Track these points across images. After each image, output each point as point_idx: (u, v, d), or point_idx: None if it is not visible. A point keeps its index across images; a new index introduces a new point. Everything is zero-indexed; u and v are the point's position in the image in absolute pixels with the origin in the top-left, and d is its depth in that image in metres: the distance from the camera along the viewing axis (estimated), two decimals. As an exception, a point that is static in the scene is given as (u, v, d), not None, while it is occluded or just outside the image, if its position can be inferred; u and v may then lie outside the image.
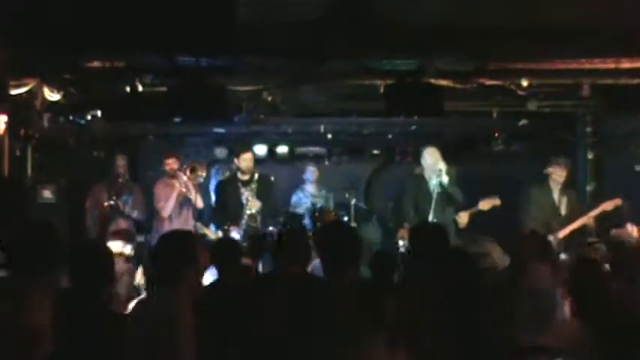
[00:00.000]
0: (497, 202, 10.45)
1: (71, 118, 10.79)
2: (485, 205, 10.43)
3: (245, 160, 11.03)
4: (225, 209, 10.98)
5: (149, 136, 13.32)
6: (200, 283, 4.86)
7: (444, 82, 9.08)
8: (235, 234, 10.42)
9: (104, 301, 4.71)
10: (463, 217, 10.42)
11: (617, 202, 10.19)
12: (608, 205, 10.17)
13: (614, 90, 9.10)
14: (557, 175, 10.50)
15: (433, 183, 10.44)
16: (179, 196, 10.88)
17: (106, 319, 4.48)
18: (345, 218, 12.16)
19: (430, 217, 10.11)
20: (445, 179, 10.39)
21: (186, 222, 10.78)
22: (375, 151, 13.91)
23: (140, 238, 10.39)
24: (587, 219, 10.11)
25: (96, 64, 8.56)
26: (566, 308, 5.90)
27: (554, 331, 5.60)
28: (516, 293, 5.74)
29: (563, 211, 10.38)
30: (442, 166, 10.43)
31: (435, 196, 10.31)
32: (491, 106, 11.28)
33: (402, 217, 10.90)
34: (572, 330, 5.23)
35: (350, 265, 4.72)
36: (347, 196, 12.55)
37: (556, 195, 10.51)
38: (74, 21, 7.41)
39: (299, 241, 6.17)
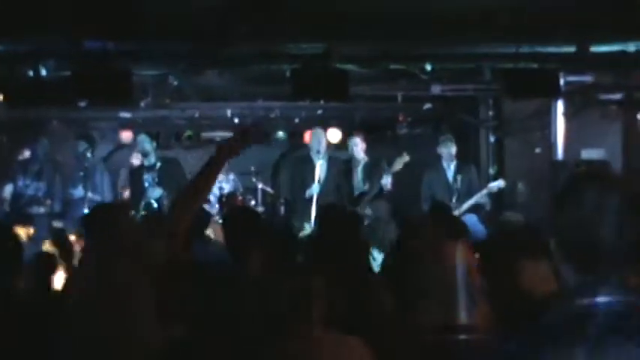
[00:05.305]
0: (405, 158, 10.53)
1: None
2: (397, 165, 10.52)
3: (139, 143, 10.94)
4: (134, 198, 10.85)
5: (53, 120, 13.11)
6: None
7: (349, 67, 9.18)
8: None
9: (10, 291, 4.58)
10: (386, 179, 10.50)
11: (501, 183, 10.76)
12: (492, 187, 10.66)
13: (514, 74, 9.29)
14: (444, 152, 10.83)
15: (320, 163, 10.92)
16: None
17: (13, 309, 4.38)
18: (252, 202, 12.19)
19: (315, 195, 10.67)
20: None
21: None
22: (282, 135, 13.92)
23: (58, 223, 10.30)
24: (477, 198, 10.52)
25: (-2, 47, 8.43)
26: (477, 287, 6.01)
27: (463, 310, 5.72)
28: (422, 271, 5.84)
29: (459, 186, 10.66)
30: (323, 148, 11.01)
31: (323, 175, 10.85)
32: (396, 90, 11.44)
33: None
34: (482, 310, 5.33)
35: (255, 249, 4.79)
36: (254, 180, 12.60)
37: (450, 174, 10.81)
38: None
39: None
